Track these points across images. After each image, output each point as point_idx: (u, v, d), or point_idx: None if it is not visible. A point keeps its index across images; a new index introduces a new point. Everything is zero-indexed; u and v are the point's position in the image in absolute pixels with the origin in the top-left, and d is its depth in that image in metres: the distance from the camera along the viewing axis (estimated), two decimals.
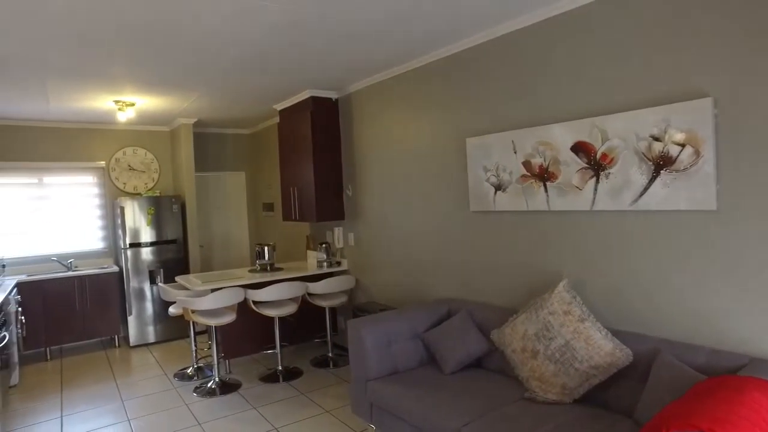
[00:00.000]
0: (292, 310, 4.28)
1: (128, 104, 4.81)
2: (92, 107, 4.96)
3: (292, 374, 4.36)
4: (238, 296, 4.08)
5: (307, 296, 4.49)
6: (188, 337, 5.55)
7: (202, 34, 3.03)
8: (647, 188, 2.39)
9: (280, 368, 4.39)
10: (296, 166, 4.89)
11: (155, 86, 4.26)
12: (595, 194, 2.63)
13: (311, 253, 5.13)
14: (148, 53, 3.34)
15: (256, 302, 4.24)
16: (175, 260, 5.83)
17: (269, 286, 4.16)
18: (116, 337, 5.68)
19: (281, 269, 4.82)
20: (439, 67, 3.65)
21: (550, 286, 2.97)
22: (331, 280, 4.43)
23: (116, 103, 4.76)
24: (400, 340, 3.12)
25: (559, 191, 2.83)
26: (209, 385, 4.14)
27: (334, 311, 5.01)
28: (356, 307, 4.36)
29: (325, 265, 4.86)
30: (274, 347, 4.49)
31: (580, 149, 2.69)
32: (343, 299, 4.57)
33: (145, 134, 6.30)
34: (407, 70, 3.93)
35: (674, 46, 2.30)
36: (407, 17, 2.92)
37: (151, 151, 6.33)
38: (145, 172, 6.29)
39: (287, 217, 5.11)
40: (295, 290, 4.26)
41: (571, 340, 2.46)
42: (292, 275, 4.55)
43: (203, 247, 6.62)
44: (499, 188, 3.21)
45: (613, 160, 2.53)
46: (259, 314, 4.31)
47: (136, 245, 5.61)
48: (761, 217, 2.08)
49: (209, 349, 4.66)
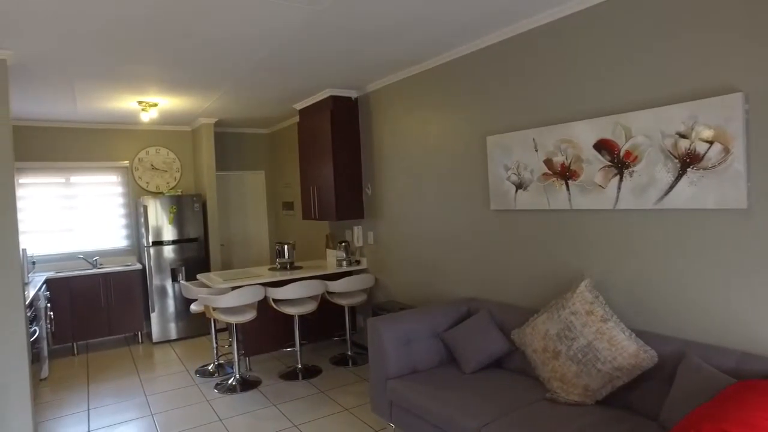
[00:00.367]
0: (311, 308, 4.31)
1: (151, 105, 4.90)
2: (117, 108, 5.06)
3: (311, 372, 4.38)
4: (258, 294, 4.11)
5: (326, 295, 4.51)
6: (209, 334, 5.64)
7: (223, 35, 3.06)
8: (673, 186, 2.34)
9: (299, 366, 4.42)
10: (316, 165, 4.91)
11: (178, 87, 4.33)
12: (618, 193, 2.59)
13: (331, 251, 5.16)
14: (171, 54, 3.40)
15: (276, 300, 4.28)
16: (196, 258, 5.91)
17: (289, 284, 4.19)
18: (139, 333, 5.79)
19: (301, 268, 4.85)
20: (458, 65, 3.63)
21: (571, 285, 2.93)
22: (350, 278, 4.45)
23: (140, 103, 4.84)
24: (419, 339, 3.12)
25: (581, 190, 2.79)
26: (230, 381, 4.19)
27: (353, 310, 5.02)
28: (375, 305, 4.36)
29: (344, 263, 4.88)
30: (293, 345, 4.53)
31: (603, 147, 2.65)
32: (362, 298, 4.58)
33: (167, 134, 6.40)
34: (427, 68, 3.92)
35: (702, 40, 2.25)
36: (427, 15, 2.91)
37: (173, 150, 6.43)
38: (167, 171, 6.39)
39: (307, 215, 5.14)
40: (314, 289, 4.28)
41: (593, 340, 2.42)
42: (311, 274, 4.58)
43: (224, 245, 6.71)
44: (519, 187, 3.17)
45: (637, 157, 2.48)
46: (278, 312, 4.35)
47: (158, 243, 5.71)
48: None
49: (230, 346, 4.72)
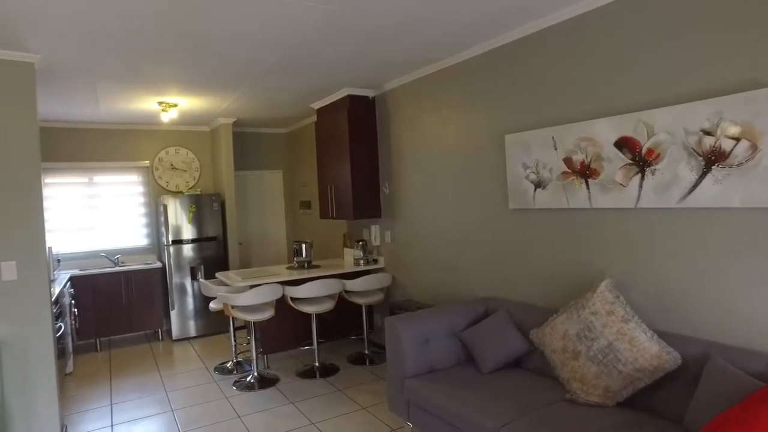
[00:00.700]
0: (329, 307, 4.32)
1: (171, 105, 4.97)
2: (138, 109, 5.14)
3: (328, 371, 4.40)
4: (276, 293, 4.15)
5: (344, 293, 4.53)
6: (228, 332, 5.70)
7: (241, 35, 3.09)
8: (697, 185, 2.29)
9: (317, 364, 4.44)
10: (333, 164, 4.93)
11: (197, 87, 4.38)
12: (640, 191, 2.54)
13: (348, 250, 5.17)
14: (190, 55, 3.44)
15: (294, 299, 4.31)
16: (215, 257, 5.98)
17: (307, 283, 4.21)
18: (159, 330, 5.88)
19: (318, 266, 4.87)
20: (477, 63, 3.60)
21: (591, 285, 2.89)
22: (367, 277, 4.45)
23: (160, 104, 4.92)
24: (437, 338, 3.11)
25: (601, 188, 2.75)
26: (248, 379, 4.23)
27: (370, 309, 5.03)
28: (393, 304, 4.36)
29: (361, 262, 4.89)
30: (311, 343, 4.55)
31: (624, 145, 2.61)
32: (379, 297, 4.59)
33: (186, 134, 6.49)
34: (445, 66, 3.90)
35: (728, 34, 2.19)
36: (444, 12, 2.89)
37: (192, 150, 6.51)
38: (186, 171, 6.48)
39: (324, 214, 5.16)
40: (332, 287, 4.30)
41: (614, 341, 2.38)
42: (329, 272, 4.60)
43: (242, 244, 6.77)
44: (538, 185, 3.14)
45: (659, 155, 2.44)
46: (296, 311, 4.38)
47: (178, 242, 5.79)
48: None
49: (248, 344, 4.77)
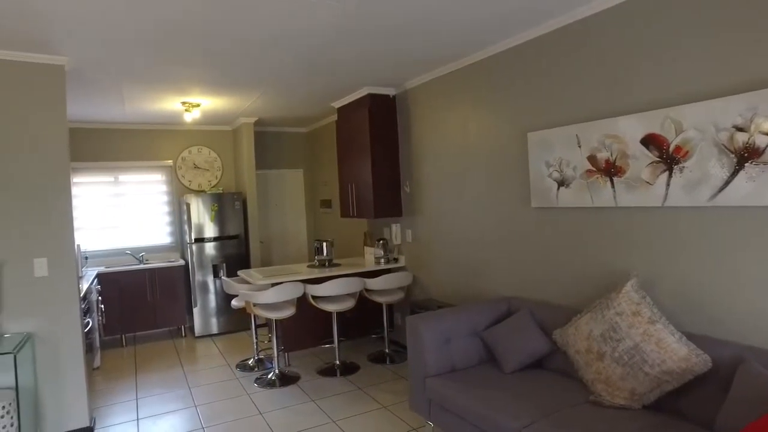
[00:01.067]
0: (350, 305, 4.34)
1: (194, 105, 5.04)
2: (162, 109, 5.23)
3: (349, 369, 4.41)
4: (297, 291, 4.17)
5: (364, 292, 4.53)
6: (249, 329, 5.75)
7: (262, 35, 3.11)
8: (728, 182, 2.23)
9: (337, 362, 4.46)
10: (354, 162, 4.94)
11: (219, 87, 4.44)
12: (667, 189, 2.49)
13: (369, 249, 5.18)
14: (213, 56, 3.48)
15: (315, 297, 4.33)
16: (236, 255, 6.05)
17: (328, 281, 4.23)
18: (182, 327, 5.98)
19: (339, 265, 4.89)
20: (498, 60, 3.57)
21: (616, 285, 2.84)
22: (388, 276, 4.45)
23: (183, 104, 4.99)
24: (458, 337, 3.09)
25: (627, 186, 2.70)
26: (269, 376, 4.27)
27: (390, 307, 5.03)
28: (414, 303, 4.35)
29: (382, 261, 4.89)
30: (331, 342, 4.57)
31: (650, 142, 2.55)
32: (400, 296, 4.58)
33: (209, 134, 6.58)
34: (466, 64, 3.87)
35: (761, 25, 2.13)
36: (465, 9, 2.87)
37: (214, 149, 6.59)
38: (209, 170, 6.56)
39: (345, 213, 5.17)
40: (353, 286, 4.31)
41: (640, 342, 2.34)
42: (350, 271, 4.61)
43: (263, 242, 6.84)
44: (562, 184, 3.10)
45: (688, 153, 2.38)
46: (317, 309, 4.40)
47: (200, 240, 5.87)
48: None
49: (269, 341, 4.81)
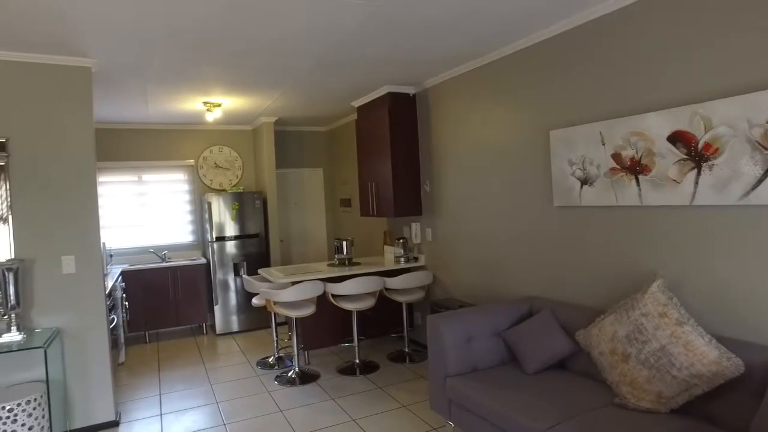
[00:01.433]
0: (370, 304, 4.34)
1: (216, 105, 5.10)
2: (184, 109, 5.30)
3: (368, 368, 4.42)
4: (317, 289, 4.19)
5: (384, 291, 4.53)
6: (270, 327, 5.81)
7: (284, 35, 3.13)
8: (762, 180, 2.16)
9: (357, 361, 4.47)
10: (374, 161, 4.94)
11: (240, 87, 4.48)
12: (695, 188, 2.43)
13: (388, 248, 5.17)
14: (235, 56, 3.51)
15: (335, 296, 4.34)
16: (257, 254, 6.10)
17: (348, 280, 4.24)
18: (204, 324, 6.05)
19: (359, 264, 4.89)
20: (520, 58, 3.53)
21: (641, 286, 2.78)
22: (408, 275, 4.44)
23: (205, 104, 5.05)
24: (479, 337, 3.07)
25: (653, 185, 2.64)
26: (289, 374, 4.30)
27: (410, 307, 5.02)
28: (434, 302, 4.34)
29: (402, 260, 4.88)
30: (351, 340, 4.58)
31: (678, 139, 2.49)
32: (420, 295, 4.57)
33: (229, 133, 6.65)
34: (487, 62, 3.84)
35: None
36: (487, 6, 2.84)
37: (235, 149, 6.66)
38: (229, 169, 6.64)
39: (365, 212, 5.18)
40: (373, 285, 4.31)
41: (667, 344, 2.28)
42: (369, 270, 4.61)
43: (283, 241, 6.89)
44: (585, 182, 3.05)
45: (718, 150, 2.32)
46: (336, 307, 4.41)
47: (221, 239, 5.93)
48: None
49: (289, 339, 4.84)
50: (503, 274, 3.84)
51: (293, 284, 4.16)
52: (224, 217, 5.96)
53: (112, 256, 5.83)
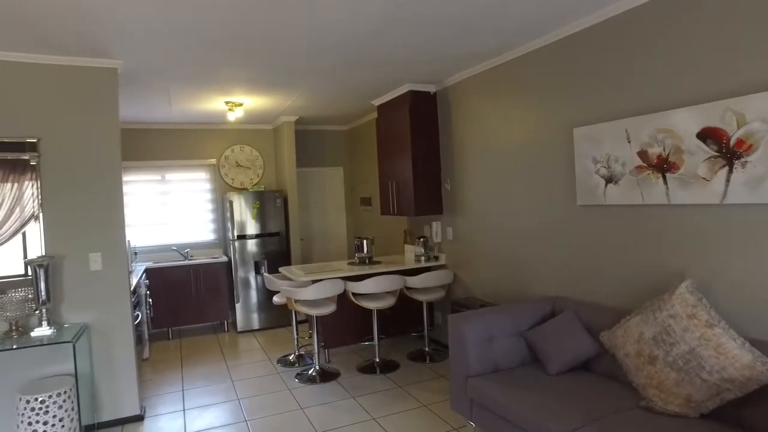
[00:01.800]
0: (390, 303, 4.33)
1: (237, 104, 5.14)
2: (206, 109, 5.36)
3: (389, 367, 4.41)
4: (338, 288, 4.20)
5: (405, 290, 4.52)
6: (290, 325, 5.83)
7: (305, 33, 3.14)
8: None
9: (377, 360, 4.47)
10: (394, 160, 4.93)
11: (262, 86, 4.51)
12: (727, 186, 2.36)
13: (409, 247, 5.16)
14: (256, 55, 3.54)
15: (355, 294, 4.35)
16: (277, 252, 6.15)
17: (368, 278, 4.24)
18: (225, 322, 6.12)
19: (379, 262, 4.89)
20: (543, 54, 3.48)
21: (668, 287, 2.71)
22: (429, 274, 4.42)
23: (227, 104, 5.10)
24: (501, 337, 3.03)
25: (681, 183, 2.57)
26: (310, 372, 4.32)
27: (431, 306, 5.00)
28: (455, 302, 4.31)
29: (422, 259, 4.86)
30: (371, 339, 4.58)
31: (708, 136, 2.42)
32: (440, 294, 4.54)
33: (250, 132, 6.71)
34: (509, 59, 3.80)
35: None
36: (512, 2, 2.81)
37: (256, 148, 6.72)
38: (250, 168, 6.70)
39: (385, 211, 5.17)
40: (393, 283, 4.30)
41: (697, 347, 2.23)
42: (390, 269, 4.60)
43: (303, 239, 6.92)
44: (610, 180, 3.00)
45: (751, 146, 2.25)
46: (357, 306, 4.41)
47: (242, 237, 5.99)
48: None
49: (310, 338, 4.86)
50: (525, 273, 3.80)
51: (314, 283, 4.17)
52: (245, 215, 6.02)
53: (136, 253, 5.93)
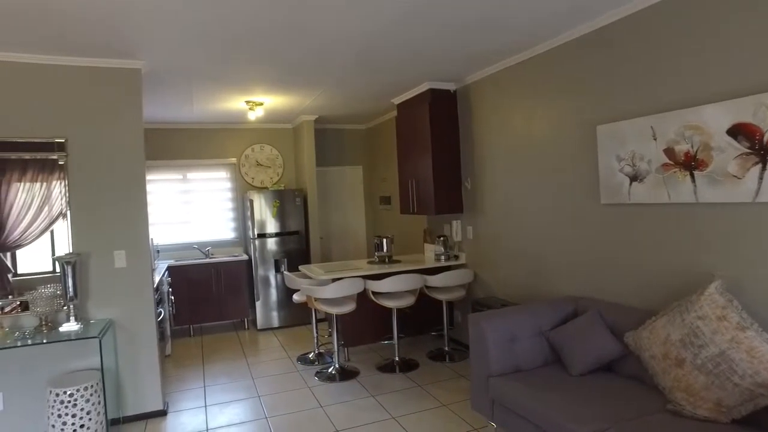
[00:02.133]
0: (410, 302, 4.32)
1: (257, 104, 5.19)
2: (227, 108, 5.42)
3: (408, 366, 4.40)
4: (358, 286, 4.20)
5: (424, 289, 4.50)
6: (309, 323, 5.86)
7: (326, 31, 3.14)
8: None
9: (396, 359, 4.46)
10: (414, 159, 4.91)
11: (282, 85, 4.54)
12: (759, 183, 2.29)
13: (428, 246, 5.14)
14: (278, 54, 3.55)
15: (375, 293, 4.34)
16: (297, 250, 6.18)
17: (388, 277, 4.23)
18: (246, 320, 6.18)
19: (399, 261, 4.88)
20: (565, 51, 3.43)
21: (695, 287, 2.64)
22: (449, 273, 4.40)
23: (247, 103, 5.15)
24: (523, 336, 3.00)
25: (710, 181, 2.51)
26: (329, 370, 4.33)
27: (450, 305, 4.97)
28: (475, 301, 4.28)
29: (442, 258, 4.83)
30: (391, 338, 4.57)
31: (739, 132, 2.36)
32: (460, 293, 4.52)
33: (270, 132, 6.76)
34: (530, 56, 3.75)
35: None
36: None
37: (276, 147, 6.77)
38: (270, 167, 6.75)
39: (405, 210, 5.16)
40: (413, 282, 4.29)
41: (727, 350, 2.17)
42: (410, 268, 4.59)
43: (323, 238, 6.95)
44: (634, 179, 2.94)
45: None
46: (376, 305, 4.41)
47: (262, 236, 6.04)
48: None
49: (329, 336, 4.88)
50: (546, 273, 3.75)
51: (334, 281, 4.18)
52: (265, 214, 6.06)
53: (158, 251, 6.03)
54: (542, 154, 3.72)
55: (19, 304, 3.24)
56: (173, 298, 5.57)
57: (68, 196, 3.37)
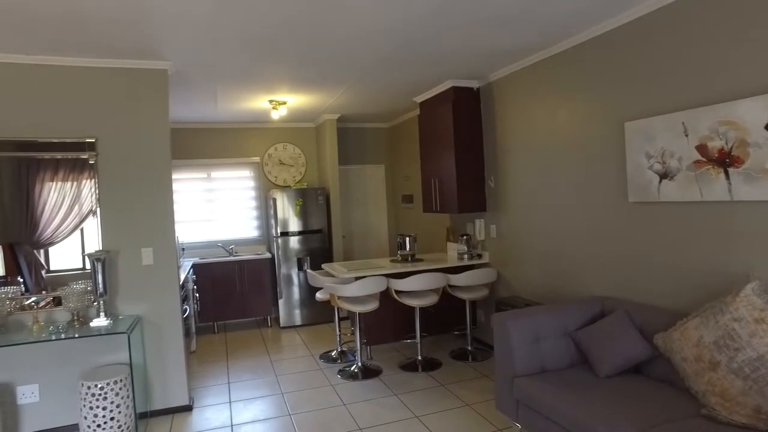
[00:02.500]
0: (433, 300, 4.30)
1: (281, 103, 5.22)
2: (250, 108, 5.47)
3: (431, 365, 4.38)
4: (381, 285, 4.20)
5: (447, 288, 4.47)
6: (332, 321, 5.90)
7: (351, 29, 3.14)
8: None
9: (419, 358, 4.44)
10: (437, 157, 4.89)
11: (306, 84, 4.56)
12: None
13: (451, 245, 5.11)
14: (302, 53, 3.57)
15: (398, 291, 4.33)
16: (320, 249, 6.21)
17: (411, 276, 4.22)
18: (269, 317, 6.24)
19: (422, 260, 4.86)
20: (592, 46, 3.36)
21: (729, 288, 2.56)
22: (472, 272, 4.36)
23: (270, 102, 5.19)
24: (548, 337, 2.95)
25: (746, 178, 2.43)
26: (352, 368, 4.34)
27: (474, 304, 4.93)
28: (499, 300, 4.24)
29: (465, 257, 4.80)
30: (414, 337, 4.56)
31: None
32: (484, 292, 4.47)
33: (293, 131, 6.80)
34: (555, 53, 3.69)
35: None
36: None
37: (298, 146, 6.81)
38: (293, 166, 6.79)
39: (428, 208, 5.13)
40: (436, 281, 4.27)
41: (766, 354, 2.09)
42: (433, 266, 4.57)
43: (345, 237, 6.97)
44: (664, 176, 2.86)
45: None
46: (399, 303, 4.40)
47: (285, 234, 6.08)
48: None
49: (352, 334, 4.89)
50: (572, 272, 3.69)
51: (357, 279, 4.19)
52: (288, 212, 6.10)
53: (184, 249, 6.13)
54: (567, 151, 3.66)
55: (52, 299, 3.33)
56: (198, 295, 5.66)
57: (98, 194, 3.45)
